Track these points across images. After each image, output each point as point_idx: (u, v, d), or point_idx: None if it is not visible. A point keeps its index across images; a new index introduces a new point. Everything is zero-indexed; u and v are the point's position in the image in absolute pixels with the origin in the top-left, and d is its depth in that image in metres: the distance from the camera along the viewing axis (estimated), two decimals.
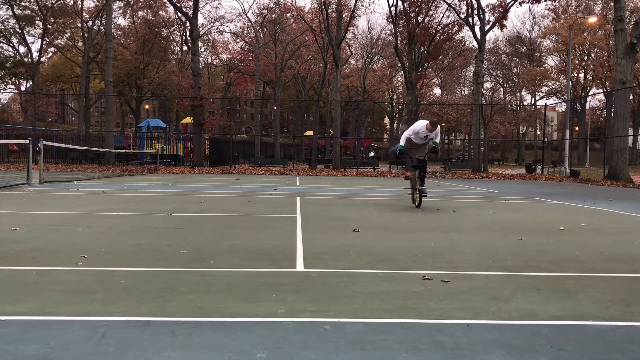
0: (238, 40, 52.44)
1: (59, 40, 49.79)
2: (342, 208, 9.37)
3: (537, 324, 2.98)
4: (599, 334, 2.83)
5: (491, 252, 5.16)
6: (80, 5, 44.41)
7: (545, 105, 35.40)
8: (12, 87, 61.50)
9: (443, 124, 69.65)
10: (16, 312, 3.01)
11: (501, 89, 65.58)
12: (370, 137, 73.99)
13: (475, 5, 31.89)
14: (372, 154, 61.90)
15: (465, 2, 32.77)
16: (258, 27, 47.87)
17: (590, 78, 55.42)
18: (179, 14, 39.70)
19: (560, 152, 50.36)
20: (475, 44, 34.61)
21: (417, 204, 9.40)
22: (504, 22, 31.94)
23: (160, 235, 5.85)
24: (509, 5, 31.08)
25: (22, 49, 47.79)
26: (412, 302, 3.39)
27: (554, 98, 58.85)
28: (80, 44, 48.04)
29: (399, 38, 34.83)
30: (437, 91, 70.59)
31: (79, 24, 45.97)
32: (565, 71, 43.10)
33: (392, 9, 33.69)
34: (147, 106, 70.65)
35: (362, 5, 70.37)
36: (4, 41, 46.50)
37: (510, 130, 61.16)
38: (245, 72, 51.59)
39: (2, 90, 55.16)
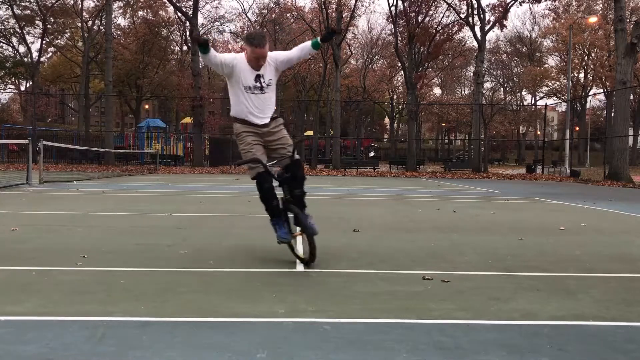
0: (238, 40, 52.42)
1: (58, 40, 49.77)
2: (342, 208, 9.36)
3: (537, 324, 2.98)
4: (599, 334, 2.83)
5: (491, 252, 5.16)
6: (80, 5, 44.43)
7: (546, 105, 35.45)
8: (12, 87, 61.43)
9: (443, 124, 69.64)
10: (16, 312, 3.00)
11: (501, 89, 65.54)
12: (370, 137, 73.92)
13: (476, 5, 31.92)
14: (372, 154, 61.88)
15: (465, 2, 32.79)
16: (258, 27, 47.85)
17: (591, 78, 55.38)
18: (179, 14, 39.67)
19: (560, 152, 50.33)
20: (475, 44, 34.62)
21: (304, 257, 4.35)
22: (504, 22, 32.01)
23: (160, 235, 5.84)
24: (509, 5, 31.11)
25: (22, 49, 47.80)
26: (412, 302, 3.38)
27: (554, 98, 58.79)
28: (80, 44, 48.02)
29: (399, 38, 34.80)
30: (437, 91, 70.57)
31: (79, 24, 45.96)
32: (566, 71, 43.08)
33: (392, 8, 33.69)
34: (147, 106, 70.53)
35: (362, 5, 70.01)
36: (4, 41, 46.45)
37: (511, 130, 61.13)
38: None
39: (2, 90, 55.17)
